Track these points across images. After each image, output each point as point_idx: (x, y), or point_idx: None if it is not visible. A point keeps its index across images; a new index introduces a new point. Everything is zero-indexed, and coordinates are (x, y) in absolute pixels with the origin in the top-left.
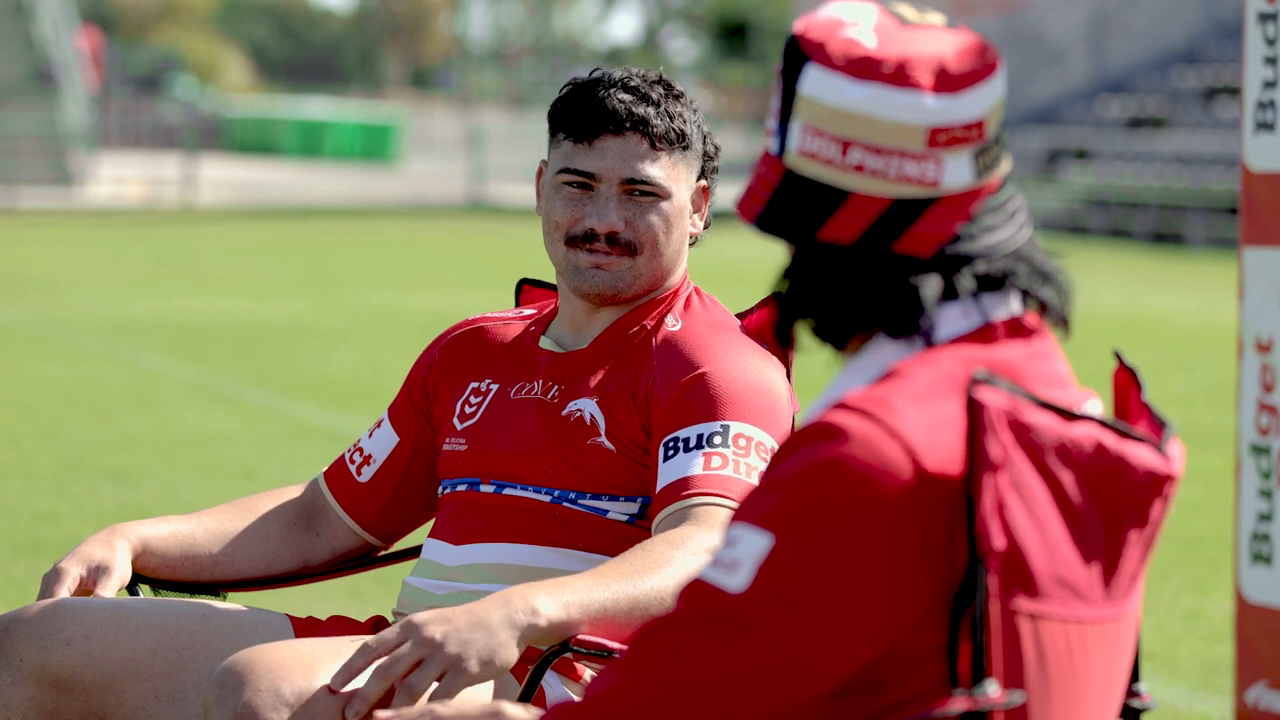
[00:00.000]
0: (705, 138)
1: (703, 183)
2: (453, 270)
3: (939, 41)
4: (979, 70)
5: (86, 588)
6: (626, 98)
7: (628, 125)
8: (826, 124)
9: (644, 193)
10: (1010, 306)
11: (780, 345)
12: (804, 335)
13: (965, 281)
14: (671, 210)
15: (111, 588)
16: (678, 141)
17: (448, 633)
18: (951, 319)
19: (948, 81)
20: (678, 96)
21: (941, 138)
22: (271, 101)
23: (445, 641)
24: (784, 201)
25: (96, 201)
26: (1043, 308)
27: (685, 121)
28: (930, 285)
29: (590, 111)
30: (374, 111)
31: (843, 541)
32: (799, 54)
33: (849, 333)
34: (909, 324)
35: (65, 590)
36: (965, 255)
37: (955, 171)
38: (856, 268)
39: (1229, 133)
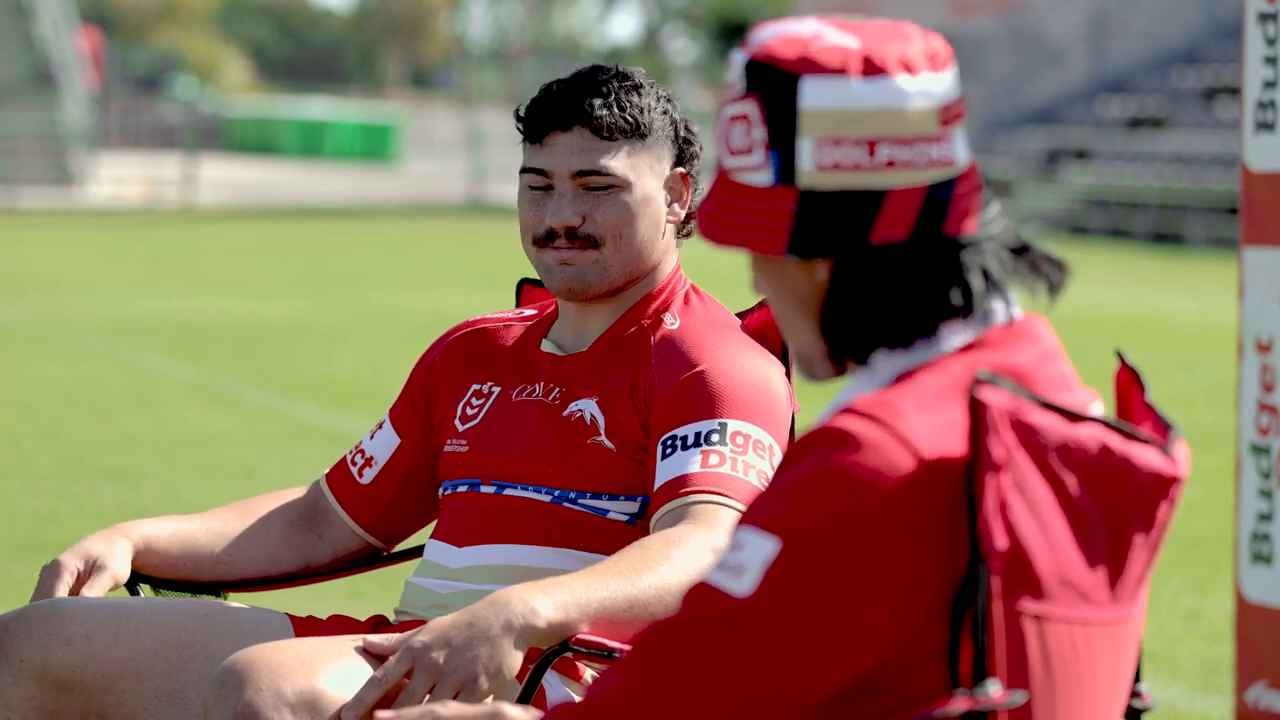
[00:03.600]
0: (677, 125)
1: (680, 170)
2: (453, 270)
3: (897, 30)
4: (945, 48)
5: (82, 581)
6: (574, 93)
7: (574, 120)
8: (844, 130)
9: (600, 185)
10: (1013, 310)
11: (856, 360)
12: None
13: (1005, 256)
14: (633, 200)
15: (103, 585)
16: (632, 130)
17: (450, 655)
18: (958, 327)
19: (935, 60)
20: (636, 87)
21: (949, 115)
22: (271, 101)
23: (450, 663)
24: (815, 222)
25: (96, 201)
26: (1054, 284)
27: (642, 111)
28: (992, 259)
29: (539, 111)
30: (374, 111)
31: (849, 547)
32: (781, 75)
33: (926, 324)
34: (980, 301)
35: (63, 585)
36: (993, 230)
37: (960, 147)
38: (922, 257)
39: (1229, 133)
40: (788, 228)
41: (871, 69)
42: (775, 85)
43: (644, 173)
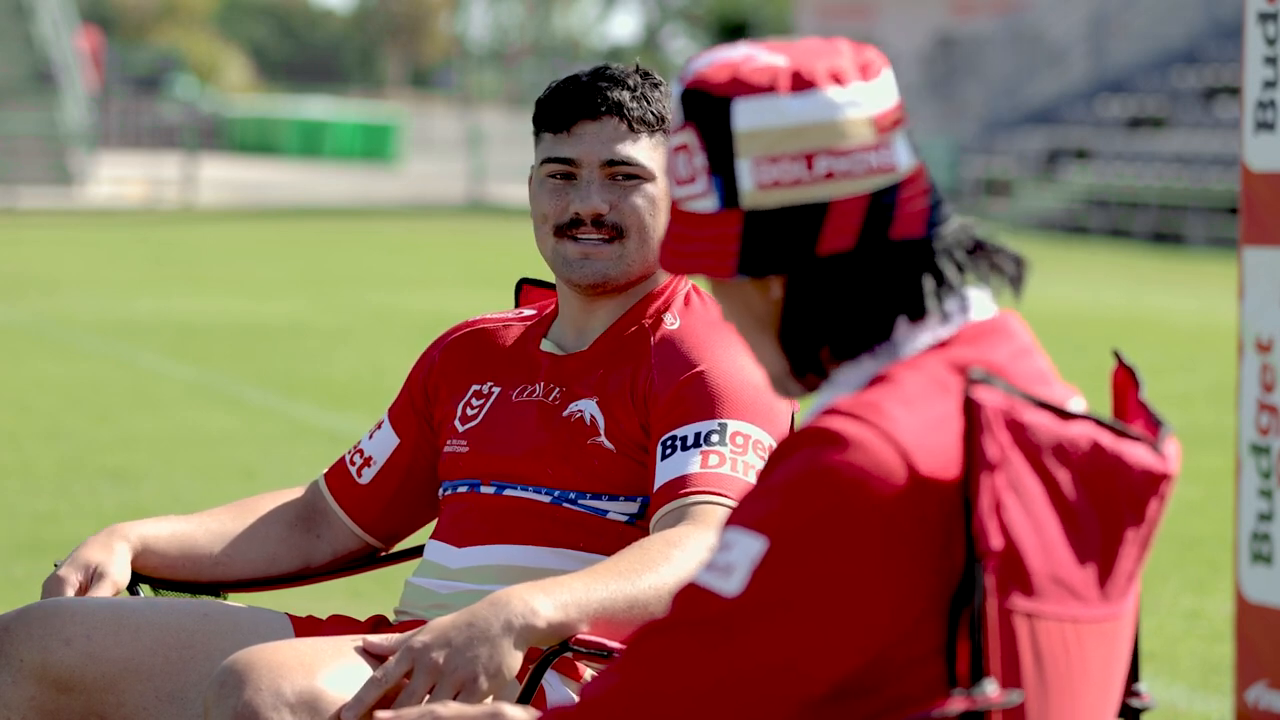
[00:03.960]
0: None
1: None
2: (453, 270)
3: (825, 46)
4: (879, 58)
5: (84, 591)
6: (601, 85)
7: (604, 110)
8: (780, 147)
9: (627, 176)
10: (985, 305)
11: (817, 374)
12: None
13: (960, 255)
14: (657, 193)
15: (106, 592)
16: (657, 125)
17: (450, 655)
18: (918, 329)
19: (867, 70)
20: (655, 84)
21: (886, 122)
22: (271, 101)
23: (450, 664)
24: (761, 241)
25: (96, 201)
26: (1014, 280)
27: (665, 107)
28: (944, 259)
29: (566, 101)
30: (374, 111)
31: (837, 546)
32: (713, 100)
33: (885, 329)
34: (940, 300)
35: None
36: (944, 231)
37: (902, 153)
38: (871, 264)
39: (1229, 133)
40: (736, 249)
41: (800, 84)
42: (709, 111)
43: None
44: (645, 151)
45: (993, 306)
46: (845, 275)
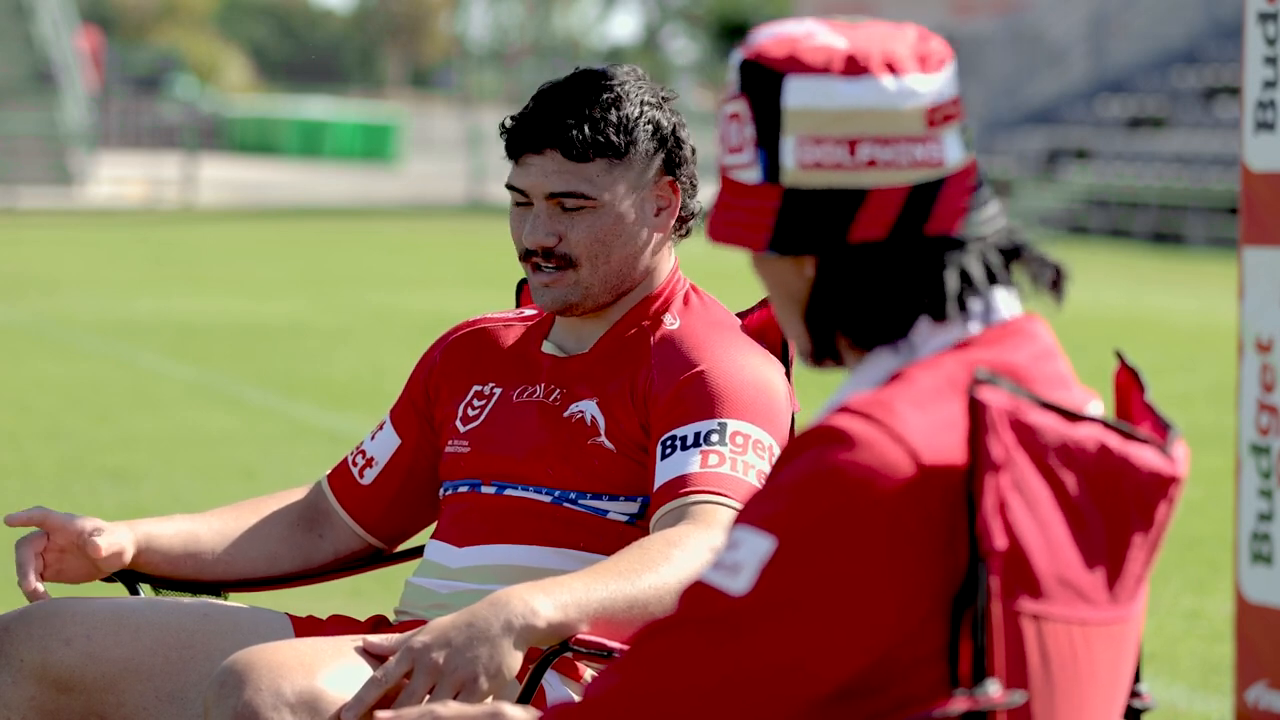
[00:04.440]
0: (664, 129)
1: (669, 178)
2: (453, 270)
3: (893, 31)
4: (943, 49)
5: (79, 541)
6: (548, 114)
7: (546, 143)
8: (826, 129)
9: (574, 206)
10: (1011, 307)
11: (835, 360)
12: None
13: (994, 256)
14: (609, 218)
15: (101, 541)
16: (607, 148)
17: (450, 655)
18: (942, 327)
19: (926, 61)
20: (617, 100)
21: (937, 116)
22: (271, 101)
23: (450, 664)
24: (796, 219)
25: (96, 201)
26: (1054, 284)
27: (618, 127)
28: (973, 261)
29: (513, 131)
30: (374, 111)
31: (845, 545)
32: (768, 73)
33: (905, 325)
34: (964, 301)
35: (58, 518)
36: (985, 231)
37: (952, 148)
38: (899, 257)
39: (1229, 133)
40: (771, 224)
41: (854, 69)
42: (763, 84)
43: (620, 190)
44: (595, 178)
45: (1018, 309)
46: (873, 265)
